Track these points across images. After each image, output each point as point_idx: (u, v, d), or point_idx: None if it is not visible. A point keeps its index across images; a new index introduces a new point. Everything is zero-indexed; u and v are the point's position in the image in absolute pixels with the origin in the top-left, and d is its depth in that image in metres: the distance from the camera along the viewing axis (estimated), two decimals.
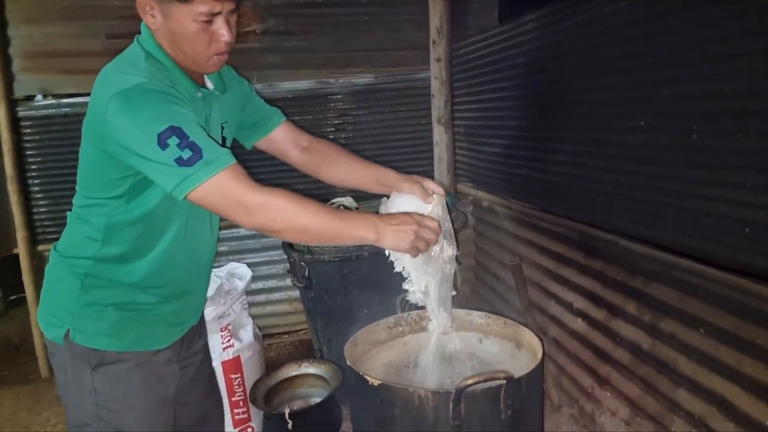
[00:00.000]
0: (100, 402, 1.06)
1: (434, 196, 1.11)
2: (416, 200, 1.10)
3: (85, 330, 1.05)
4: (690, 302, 1.30)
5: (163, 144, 0.88)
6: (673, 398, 1.35)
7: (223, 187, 0.90)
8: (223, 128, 1.14)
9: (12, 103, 2.46)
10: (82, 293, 1.05)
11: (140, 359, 1.08)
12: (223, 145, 1.14)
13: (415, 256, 1.01)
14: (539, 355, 1.10)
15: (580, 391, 1.79)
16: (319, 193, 2.37)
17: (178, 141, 0.89)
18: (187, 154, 0.89)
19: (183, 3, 0.94)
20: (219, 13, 0.97)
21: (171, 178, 0.90)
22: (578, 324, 1.77)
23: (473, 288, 2.83)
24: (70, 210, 1.10)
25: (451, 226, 1.11)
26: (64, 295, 1.07)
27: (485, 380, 0.95)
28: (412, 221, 0.98)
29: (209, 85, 1.12)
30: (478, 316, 1.32)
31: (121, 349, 1.06)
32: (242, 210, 0.92)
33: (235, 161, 0.93)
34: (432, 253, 1.06)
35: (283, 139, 1.27)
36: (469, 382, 0.93)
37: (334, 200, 2.24)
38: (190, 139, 0.90)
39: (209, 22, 0.97)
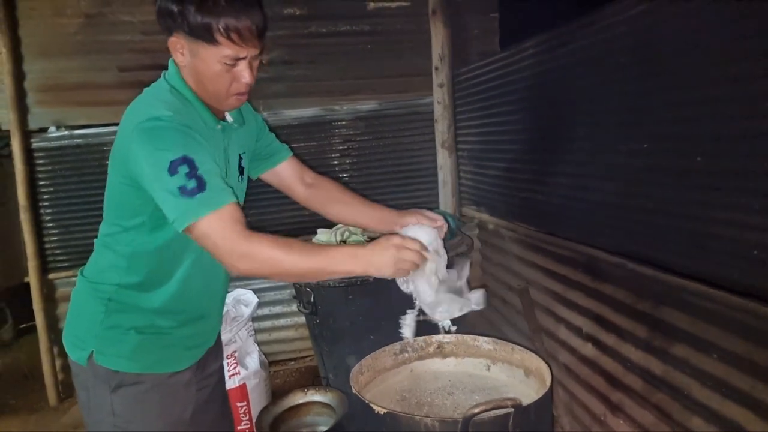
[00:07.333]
0: (119, 423, 1.09)
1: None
2: (427, 228, 1.16)
3: (107, 352, 1.09)
4: (701, 326, 1.28)
5: (173, 170, 0.93)
6: (688, 426, 1.31)
7: (217, 232, 0.94)
8: (241, 158, 1.21)
9: (26, 135, 2.53)
10: (105, 317, 1.09)
11: (157, 381, 1.11)
12: (242, 173, 1.22)
13: (406, 275, 1.06)
14: (548, 381, 1.08)
15: (592, 419, 1.75)
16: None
17: (187, 170, 0.94)
18: (191, 184, 0.93)
19: (210, 45, 1.00)
20: (243, 58, 1.03)
21: (173, 210, 0.94)
22: (588, 349, 1.74)
23: (480, 312, 2.80)
24: (82, 239, 1.14)
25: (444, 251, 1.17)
26: (89, 318, 1.11)
27: (493, 408, 0.93)
28: (390, 246, 1.01)
29: (228, 118, 1.19)
30: (485, 342, 1.31)
31: (139, 371, 1.09)
32: (233, 257, 0.95)
33: (234, 200, 0.97)
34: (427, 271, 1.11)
35: (288, 174, 1.35)
36: (477, 410, 0.92)
37: (338, 226, 2.25)
38: (199, 172, 0.94)
39: (233, 65, 1.03)
